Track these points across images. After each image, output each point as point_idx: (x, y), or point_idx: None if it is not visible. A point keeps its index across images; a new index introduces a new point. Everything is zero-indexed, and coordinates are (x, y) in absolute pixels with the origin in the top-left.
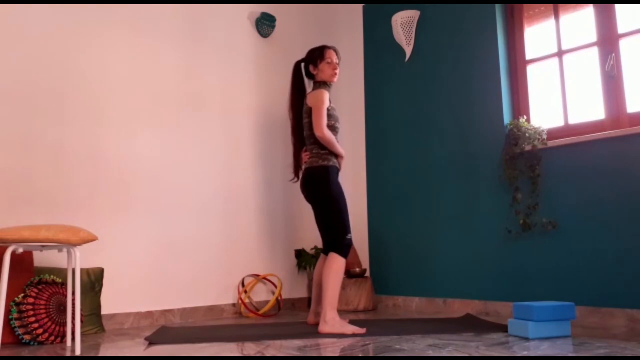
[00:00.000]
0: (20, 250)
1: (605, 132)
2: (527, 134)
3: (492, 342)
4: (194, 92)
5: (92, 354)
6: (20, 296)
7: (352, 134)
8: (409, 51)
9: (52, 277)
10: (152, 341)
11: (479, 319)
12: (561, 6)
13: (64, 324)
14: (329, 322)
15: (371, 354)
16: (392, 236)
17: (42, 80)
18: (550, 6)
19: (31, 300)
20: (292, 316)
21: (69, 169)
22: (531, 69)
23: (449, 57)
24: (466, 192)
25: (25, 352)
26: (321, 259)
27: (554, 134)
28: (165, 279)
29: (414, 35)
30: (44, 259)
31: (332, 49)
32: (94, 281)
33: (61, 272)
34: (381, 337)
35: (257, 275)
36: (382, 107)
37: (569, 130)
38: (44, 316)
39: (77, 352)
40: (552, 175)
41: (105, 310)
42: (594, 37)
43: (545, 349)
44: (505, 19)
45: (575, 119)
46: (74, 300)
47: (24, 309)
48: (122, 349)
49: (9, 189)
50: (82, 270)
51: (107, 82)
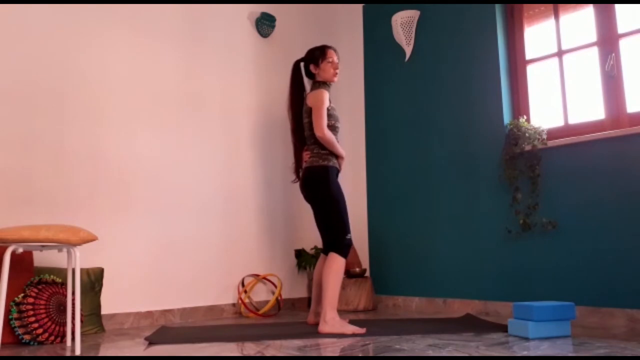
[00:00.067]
0: (20, 250)
1: (605, 132)
2: (527, 134)
3: (492, 342)
4: (194, 92)
5: (92, 354)
6: (20, 296)
7: (352, 134)
8: (409, 51)
9: (52, 277)
10: (152, 341)
11: (479, 319)
12: (561, 6)
13: (64, 324)
14: (329, 322)
15: (371, 354)
16: (392, 236)
17: (42, 80)
18: (550, 6)
19: (31, 300)
20: (292, 316)
21: (69, 169)
22: (531, 69)
23: (449, 57)
24: (466, 192)
25: (25, 352)
26: (321, 259)
27: (554, 134)
28: (165, 279)
29: (414, 35)
30: (44, 259)
31: (333, 48)
32: (94, 281)
33: (61, 272)
34: (381, 337)
35: (257, 275)
36: (382, 107)
37: (569, 130)
38: (44, 316)
39: (77, 352)
40: (552, 175)
41: (105, 310)
42: (594, 37)
43: (545, 349)
44: (505, 19)
45: (575, 119)
46: (74, 300)
47: (24, 309)
48: (122, 349)
49: (9, 189)
50: (82, 270)
51: (107, 82)
